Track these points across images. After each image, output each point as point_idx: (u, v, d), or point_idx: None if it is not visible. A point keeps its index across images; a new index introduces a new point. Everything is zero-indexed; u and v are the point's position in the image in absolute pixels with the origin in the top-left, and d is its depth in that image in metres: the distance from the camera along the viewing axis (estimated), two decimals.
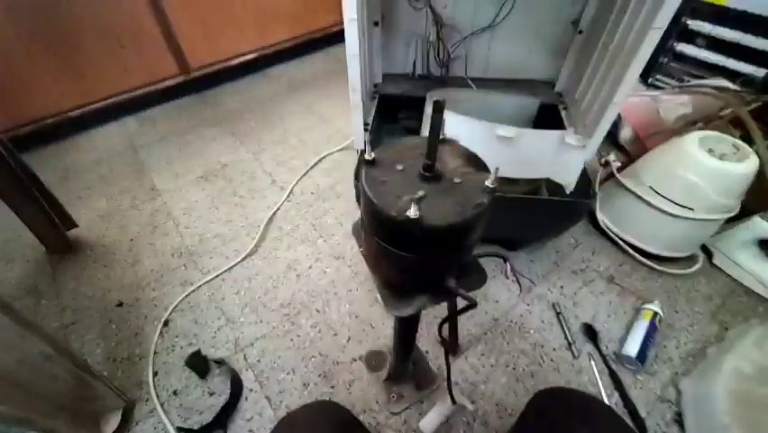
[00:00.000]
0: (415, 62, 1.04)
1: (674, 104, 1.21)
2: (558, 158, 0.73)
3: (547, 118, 0.98)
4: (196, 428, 0.70)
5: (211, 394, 0.75)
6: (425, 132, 0.80)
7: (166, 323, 0.86)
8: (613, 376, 0.77)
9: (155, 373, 0.78)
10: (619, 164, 1.04)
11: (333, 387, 0.76)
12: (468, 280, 0.38)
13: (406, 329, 0.56)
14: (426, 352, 0.81)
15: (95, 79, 1.35)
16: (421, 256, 0.32)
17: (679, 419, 0.72)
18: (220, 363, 0.79)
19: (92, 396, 0.65)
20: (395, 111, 1.09)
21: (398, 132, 1.12)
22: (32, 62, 1.22)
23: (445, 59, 0.98)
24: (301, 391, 0.76)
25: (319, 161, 1.26)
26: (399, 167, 0.34)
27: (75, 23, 1.24)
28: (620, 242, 0.99)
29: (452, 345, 0.82)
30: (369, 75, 0.99)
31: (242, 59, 1.62)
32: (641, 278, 0.95)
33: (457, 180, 0.32)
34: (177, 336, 0.84)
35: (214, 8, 1.46)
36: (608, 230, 1.01)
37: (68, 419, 0.61)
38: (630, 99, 1.30)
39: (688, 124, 1.16)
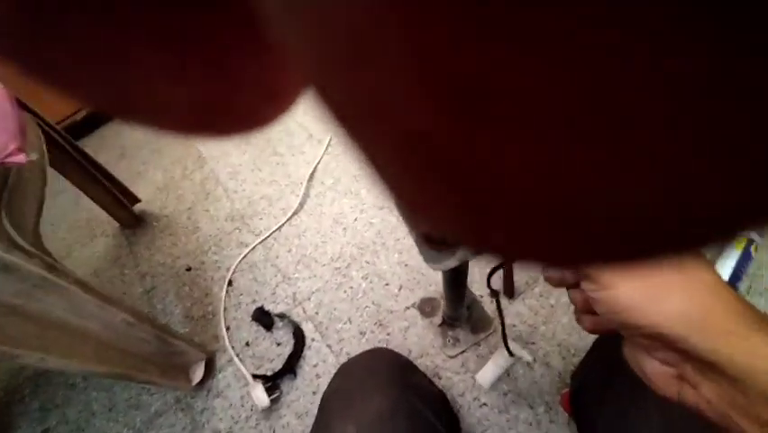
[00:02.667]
0: None
1: None
2: None
3: None
4: (269, 374, 0.76)
5: (278, 344, 0.81)
6: None
7: (230, 283, 0.92)
8: None
9: (227, 328, 0.86)
10: None
11: (389, 334, 0.78)
12: None
13: (456, 278, 0.53)
14: (481, 296, 0.78)
15: None
16: None
17: None
18: (282, 316, 0.84)
19: (177, 351, 0.73)
20: None
21: None
22: None
23: None
24: (359, 339, 0.79)
25: None
26: None
27: None
28: None
29: (507, 289, 0.79)
30: None
31: None
32: None
33: None
34: (241, 294, 0.90)
35: None
36: None
37: (161, 372, 0.70)
38: None
39: None
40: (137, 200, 1.12)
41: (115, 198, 1.04)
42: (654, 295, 0.19)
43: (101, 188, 1.00)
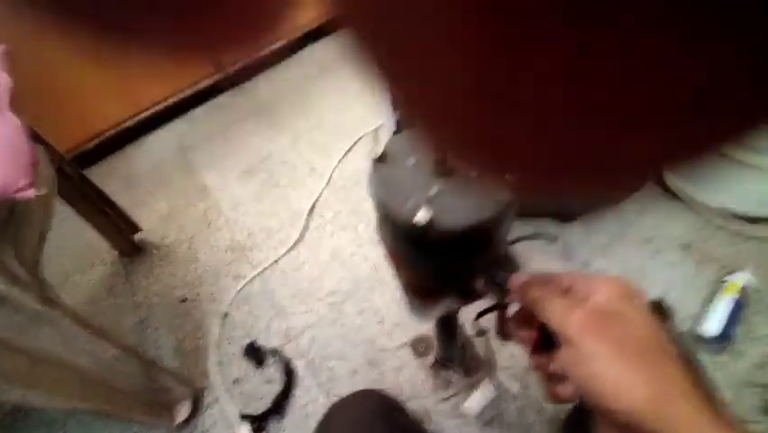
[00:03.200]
0: None
1: None
2: None
3: None
4: (256, 414, 0.74)
5: (268, 382, 0.80)
6: None
7: (224, 316, 0.92)
8: (689, 359, 0.69)
9: (219, 363, 0.84)
10: None
11: (381, 373, 0.77)
12: (501, 275, 0.34)
13: (446, 324, 0.53)
14: (474, 336, 0.78)
15: (140, 90, 1.44)
16: (440, 260, 0.29)
17: None
18: (274, 352, 0.83)
19: (163, 388, 0.71)
20: None
21: None
22: (85, 83, 1.33)
23: None
24: (350, 378, 0.77)
25: (355, 143, 1.24)
26: (411, 161, 0.30)
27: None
28: (697, 203, 0.86)
29: (501, 333, 0.78)
30: None
31: (272, 46, 1.62)
32: (725, 243, 0.83)
33: (474, 174, 0.28)
34: (234, 328, 0.90)
35: None
36: (680, 192, 0.88)
37: (145, 409, 0.68)
38: None
39: None
40: (138, 229, 1.13)
41: (117, 226, 1.05)
42: (626, 383, 0.20)
43: (103, 217, 1.02)
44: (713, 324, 0.69)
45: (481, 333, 0.43)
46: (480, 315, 0.42)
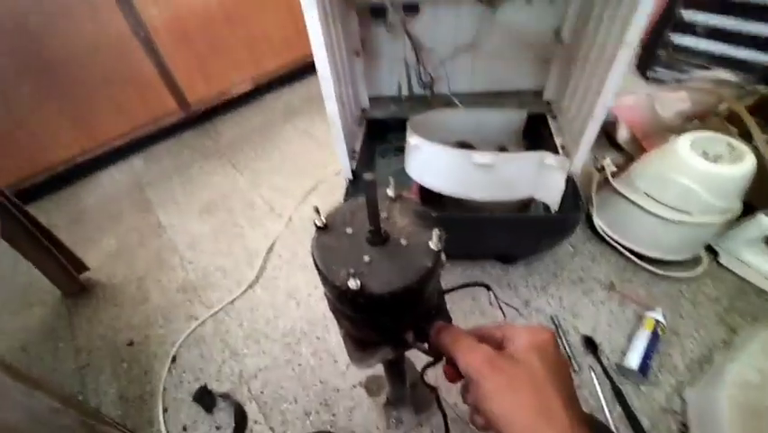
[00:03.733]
0: (400, 85, 1.05)
1: (672, 99, 1.18)
2: (540, 178, 0.73)
3: (537, 128, 0.98)
4: None
5: (218, 429, 0.78)
6: (408, 162, 0.81)
7: (173, 359, 0.89)
8: (615, 389, 0.76)
9: (165, 410, 0.81)
10: (614, 169, 1.03)
11: (334, 415, 0.78)
12: (427, 328, 0.39)
13: (392, 366, 0.57)
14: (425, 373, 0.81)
15: (98, 124, 1.42)
16: (372, 317, 0.33)
17: (685, 431, 0.70)
18: (225, 396, 0.81)
19: None
20: (385, 132, 1.11)
21: (391, 151, 1.13)
22: (39, 116, 1.29)
23: (428, 81, 0.98)
24: (303, 421, 0.77)
25: (316, 186, 1.29)
26: (349, 231, 0.35)
27: (75, 71, 1.30)
28: (620, 248, 0.97)
29: (450, 377, 0.82)
30: (354, 102, 1.01)
31: (238, 90, 1.67)
32: (643, 283, 0.93)
33: (403, 242, 0.33)
34: (184, 372, 0.87)
35: (206, 44, 1.51)
36: (606, 236, 1.00)
37: None
38: (626, 98, 1.27)
39: (686, 121, 1.14)
40: (85, 268, 1.09)
41: (61, 264, 1.01)
42: (513, 412, 0.26)
43: (45, 254, 0.97)
44: (634, 357, 0.77)
45: (433, 389, 0.46)
46: (425, 368, 0.46)
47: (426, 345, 0.37)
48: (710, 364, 0.78)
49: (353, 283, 0.29)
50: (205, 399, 0.81)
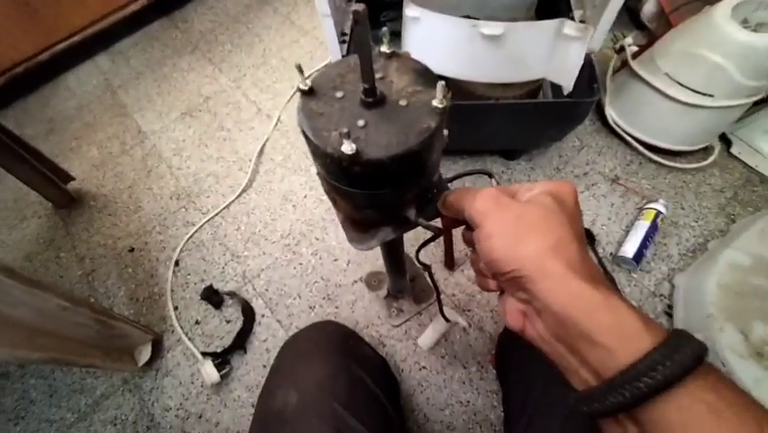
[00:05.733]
0: None
1: None
2: (556, 54, 0.64)
3: (552, 3, 0.85)
4: (219, 351, 0.77)
5: (228, 322, 0.82)
6: (406, 38, 0.71)
7: (177, 263, 0.91)
8: (607, 276, 0.79)
9: (176, 308, 0.85)
10: (636, 48, 0.92)
11: (337, 307, 0.81)
12: (432, 206, 0.36)
13: (391, 253, 0.56)
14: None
15: (53, 18, 1.24)
16: (370, 191, 0.30)
17: (669, 312, 0.74)
18: (231, 294, 0.84)
19: (120, 334, 0.72)
20: (377, 13, 0.97)
21: (385, 37, 1.01)
22: None
23: None
24: (308, 313, 0.81)
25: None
26: (339, 94, 0.30)
27: None
28: (629, 138, 0.92)
29: (447, 262, 0.84)
30: None
31: None
32: (648, 176, 0.91)
33: (403, 103, 0.29)
34: (189, 274, 0.89)
35: None
36: (616, 127, 0.94)
37: (104, 355, 0.69)
38: None
39: None
40: (71, 178, 1.04)
41: (45, 176, 0.96)
42: (516, 246, 0.23)
43: (27, 167, 0.92)
44: (629, 247, 0.78)
45: (426, 267, 0.46)
46: (421, 247, 0.45)
47: (429, 222, 0.35)
48: (704, 252, 0.79)
49: (348, 147, 0.25)
50: (213, 297, 0.84)
